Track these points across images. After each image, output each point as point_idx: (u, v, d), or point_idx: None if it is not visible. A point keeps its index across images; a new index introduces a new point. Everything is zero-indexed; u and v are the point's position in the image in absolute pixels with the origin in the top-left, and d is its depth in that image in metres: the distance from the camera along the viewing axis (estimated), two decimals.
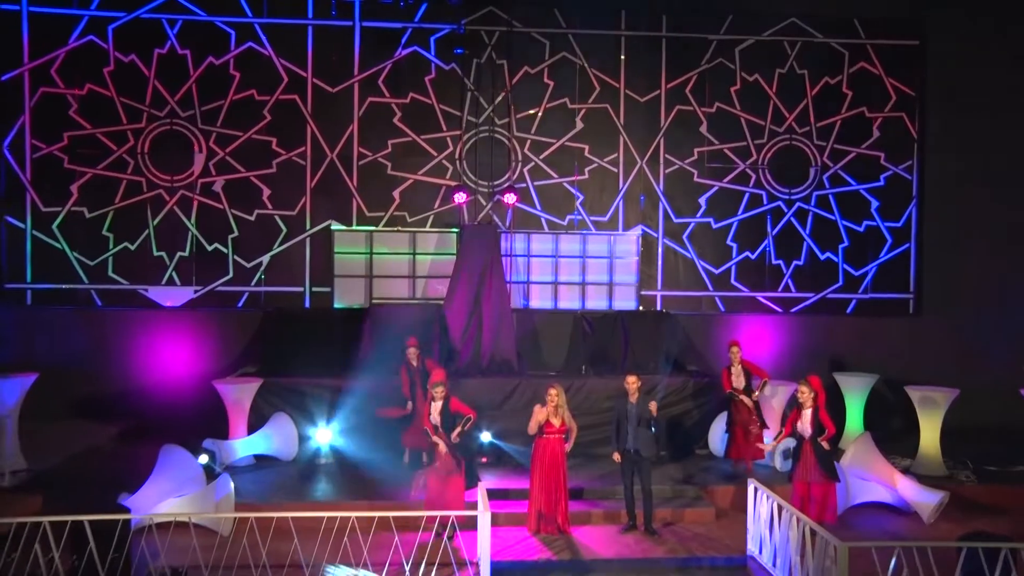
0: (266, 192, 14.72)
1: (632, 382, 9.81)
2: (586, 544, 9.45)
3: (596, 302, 15.22)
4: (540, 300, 15.18)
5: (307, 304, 14.75)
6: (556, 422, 9.58)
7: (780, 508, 8.20)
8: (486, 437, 12.05)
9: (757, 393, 11.69)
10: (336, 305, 14.73)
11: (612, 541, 9.58)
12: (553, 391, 9.56)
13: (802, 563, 7.70)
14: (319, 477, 11.33)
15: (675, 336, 14.10)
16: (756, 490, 8.82)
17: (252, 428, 12.06)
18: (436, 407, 9.40)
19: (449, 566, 8.04)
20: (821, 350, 14.83)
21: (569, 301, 15.21)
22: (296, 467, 11.76)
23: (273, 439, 11.96)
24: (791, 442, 11.07)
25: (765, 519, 8.55)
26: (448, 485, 9.36)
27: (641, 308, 15.20)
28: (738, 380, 11.70)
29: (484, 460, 11.98)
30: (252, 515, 7.52)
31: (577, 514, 10.08)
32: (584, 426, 11.94)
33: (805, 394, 9.50)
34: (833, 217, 15.50)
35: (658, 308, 15.22)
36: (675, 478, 11.38)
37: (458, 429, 9.35)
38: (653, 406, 9.65)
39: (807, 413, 9.49)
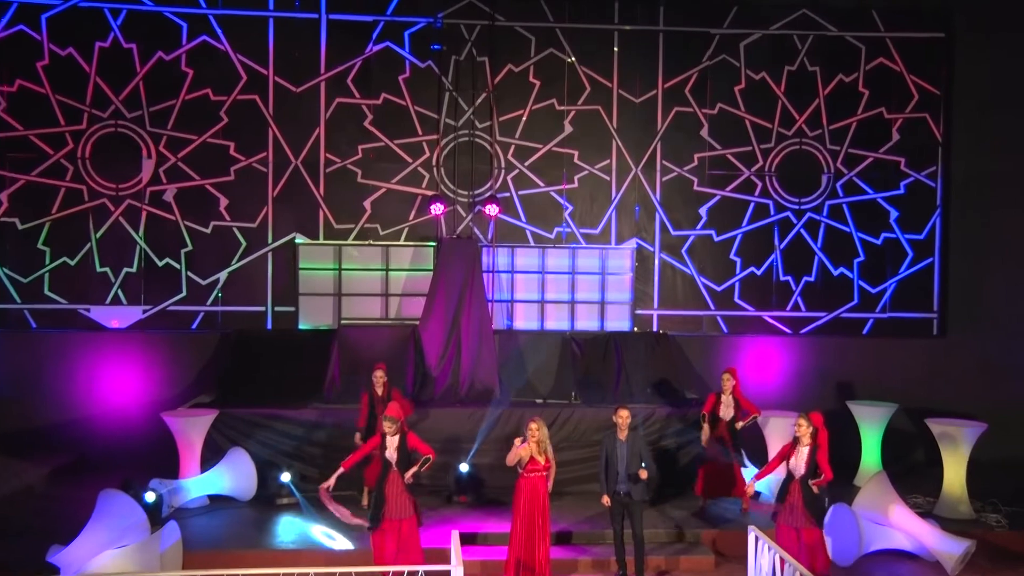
0: (223, 202, 14.64)
1: (623, 417, 9.75)
2: None
3: (586, 322, 15.20)
4: (525, 320, 15.15)
5: (269, 325, 14.69)
6: (540, 459, 9.46)
7: (783, 561, 8.11)
8: (463, 468, 12.08)
9: (742, 424, 11.69)
10: (301, 326, 14.69)
11: None
12: (533, 425, 9.45)
13: None
14: (280, 520, 11.23)
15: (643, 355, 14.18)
16: (757, 540, 8.71)
17: (206, 465, 11.97)
18: (392, 443, 9.25)
19: None
20: (833, 375, 14.79)
21: (557, 321, 15.18)
22: (255, 509, 11.65)
23: (229, 477, 11.87)
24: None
25: (767, 572, 8.43)
26: (403, 532, 9.17)
27: (636, 329, 15.16)
28: (726, 411, 11.70)
29: (463, 499, 11.96)
30: (196, 573, 7.41)
31: (562, 562, 10.00)
32: (573, 460, 12.27)
33: (803, 428, 9.36)
34: (848, 229, 15.47)
35: (654, 329, 15.19)
36: (671, 520, 11.31)
37: (414, 469, 9.20)
38: (643, 475, 9.59)
39: (803, 451, 9.37)
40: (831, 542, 9.96)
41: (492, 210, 14.48)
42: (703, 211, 15.35)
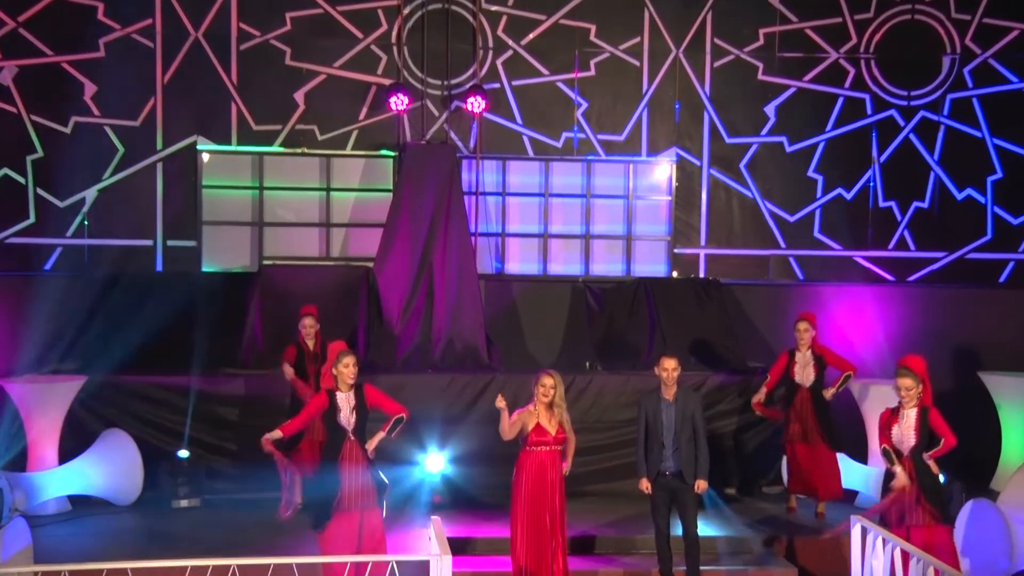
0: (89, 88, 14.47)
1: (669, 368, 9.68)
2: None
3: (607, 265, 15.30)
4: (521, 262, 15.25)
5: (159, 266, 14.71)
6: (551, 427, 9.35)
7: (906, 558, 7.85)
8: (438, 463, 12.14)
9: (833, 391, 11.74)
10: (206, 268, 14.74)
11: None
12: (549, 380, 9.39)
13: None
14: (179, 530, 11.10)
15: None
16: (865, 532, 8.51)
17: (68, 454, 11.88)
18: (346, 401, 9.04)
19: None
20: (957, 338, 14.62)
21: (566, 264, 15.26)
22: (140, 516, 11.63)
23: (102, 471, 11.81)
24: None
25: None
26: (366, 529, 9.04)
27: (675, 274, 15.19)
28: (804, 372, 11.72)
29: (437, 499, 12.10)
30: (65, 567, 7.07)
31: (583, 574, 9.98)
32: (591, 448, 12.41)
33: (912, 391, 9.13)
34: (979, 133, 15.44)
35: (701, 274, 15.20)
36: (732, 521, 11.37)
37: (380, 435, 9.03)
38: (702, 486, 9.63)
39: (910, 414, 9.15)
40: (968, 562, 9.85)
41: (476, 105, 14.38)
42: (770, 110, 15.29)
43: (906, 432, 9.12)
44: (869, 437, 12.40)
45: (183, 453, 11.95)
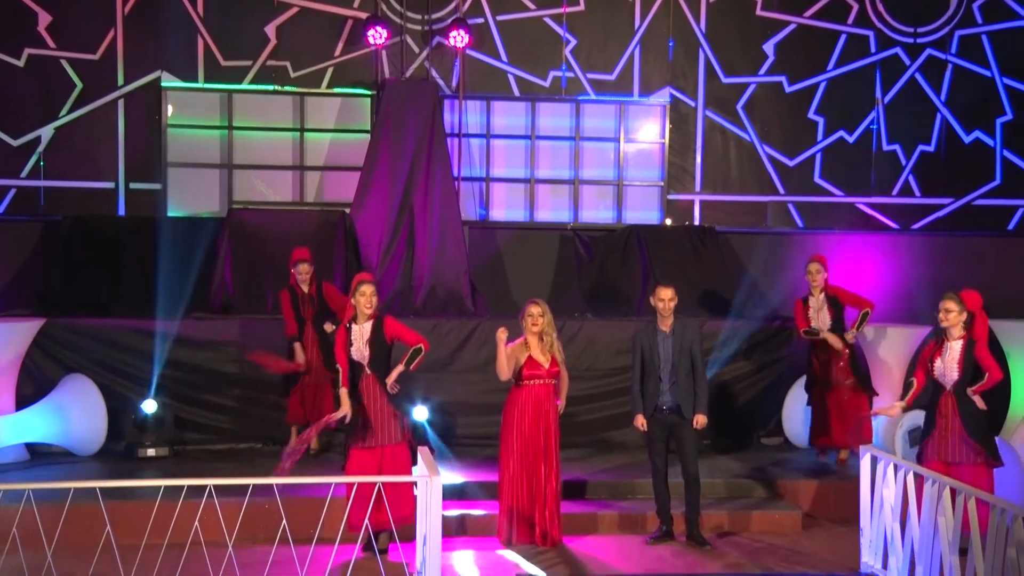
0: (43, 18, 14.38)
1: (666, 297, 9.66)
2: (594, 557, 9.38)
3: (597, 212, 15.40)
4: (507, 208, 15.32)
5: (121, 210, 14.64)
6: (543, 359, 9.46)
7: (920, 482, 7.99)
8: (422, 414, 12.03)
9: (853, 332, 11.74)
10: (172, 212, 14.69)
11: (635, 555, 9.51)
12: (536, 309, 9.52)
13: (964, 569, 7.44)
14: (147, 476, 10.92)
15: None
16: (876, 461, 8.59)
17: (26, 400, 11.84)
18: (361, 333, 9.13)
19: None
20: (964, 288, 14.52)
21: (554, 211, 15.34)
22: (103, 464, 11.54)
23: (63, 419, 11.76)
24: (919, 416, 10.87)
25: (893, 506, 8.30)
26: (386, 464, 9.13)
27: (669, 221, 15.24)
28: (819, 316, 11.77)
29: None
30: (28, 486, 7.18)
31: (575, 517, 10.03)
32: (583, 396, 12.33)
33: (953, 315, 9.23)
34: (988, 73, 15.48)
35: (696, 222, 15.25)
36: (731, 468, 11.51)
37: (399, 368, 9.11)
38: (701, 421, 9.60)
39: (954, 347, 9.23)
40: None
41: (459, 40, 14.42)
42: (769, 48, 15.35)
43: (949, 365, 9.16)
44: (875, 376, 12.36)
45: (149, 408, 11.78)
